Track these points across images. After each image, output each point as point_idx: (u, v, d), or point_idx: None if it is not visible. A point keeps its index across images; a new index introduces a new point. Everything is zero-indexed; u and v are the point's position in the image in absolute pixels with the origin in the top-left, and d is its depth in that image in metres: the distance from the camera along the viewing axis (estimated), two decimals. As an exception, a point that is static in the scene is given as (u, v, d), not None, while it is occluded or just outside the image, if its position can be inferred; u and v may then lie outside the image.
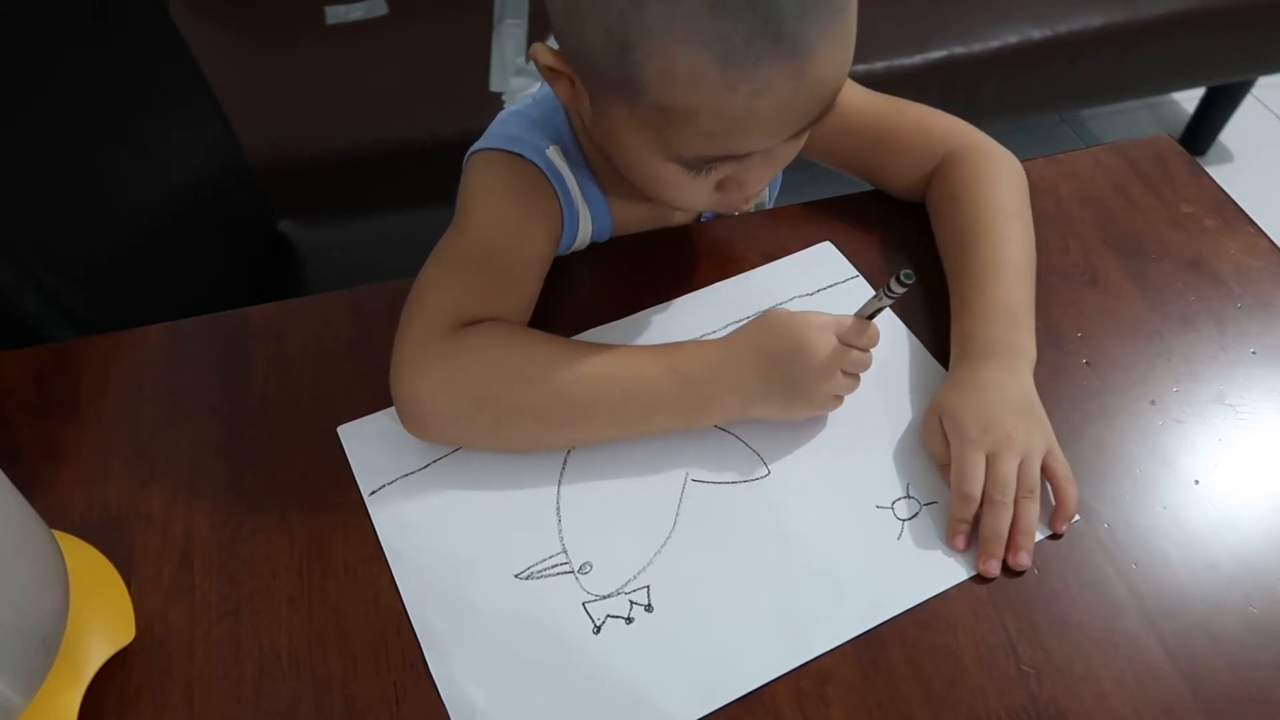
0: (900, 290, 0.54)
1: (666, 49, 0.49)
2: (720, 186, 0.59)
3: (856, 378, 0.60)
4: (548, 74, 0.58)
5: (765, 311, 0.60)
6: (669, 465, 0.60)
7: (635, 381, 0.58)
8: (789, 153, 0.59)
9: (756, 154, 0.56)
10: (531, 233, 0.64)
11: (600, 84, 0.55)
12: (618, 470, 0.59)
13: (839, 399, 0.60)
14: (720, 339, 0.60)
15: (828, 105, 0.54)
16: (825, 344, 0.57)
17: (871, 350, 0.60)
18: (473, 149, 0.67)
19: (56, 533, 0.52)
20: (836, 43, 0.51)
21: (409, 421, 0.59)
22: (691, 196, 0.60)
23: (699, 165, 0.56)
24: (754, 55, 0.48)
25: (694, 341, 0.61)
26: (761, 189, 0.61)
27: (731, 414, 0.60)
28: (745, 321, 0.67)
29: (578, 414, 0.58)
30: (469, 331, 0.58)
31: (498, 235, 0.62)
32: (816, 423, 0.62)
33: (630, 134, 0.56)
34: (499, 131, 0.67)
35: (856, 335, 0.58)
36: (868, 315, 0.58)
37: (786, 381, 0.58)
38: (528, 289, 0.63)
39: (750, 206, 0.64)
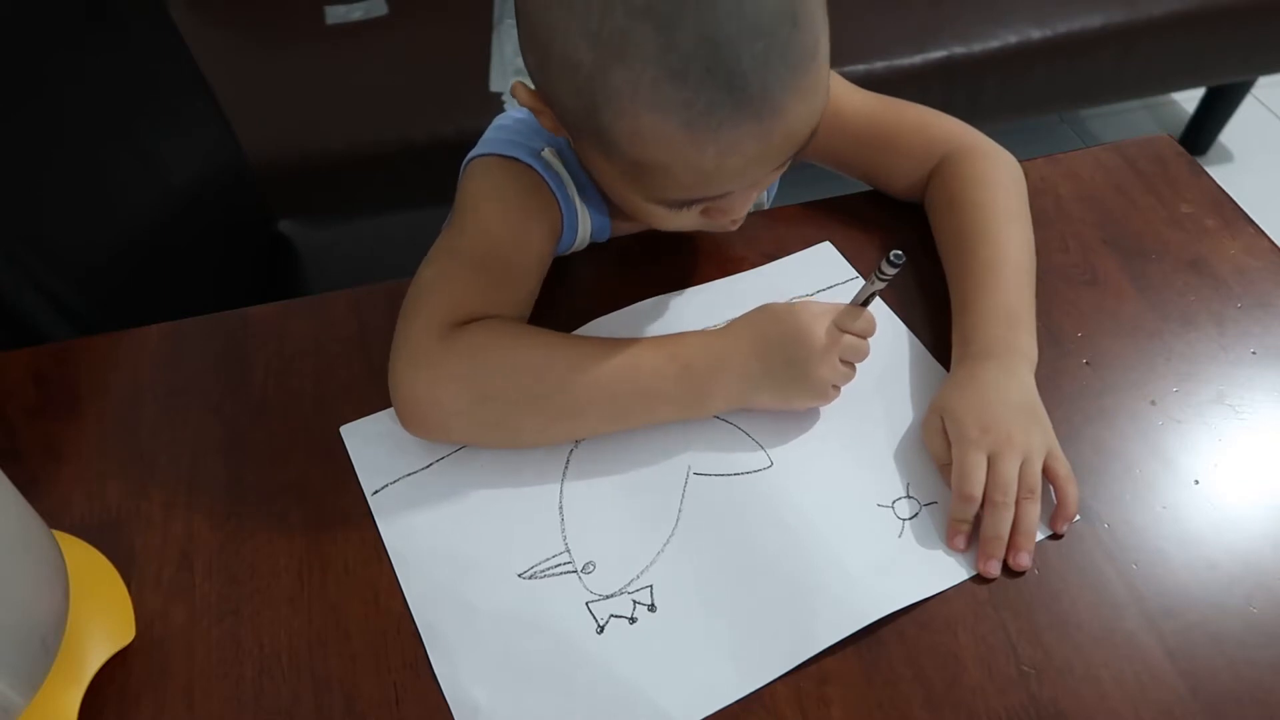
0: (892, 272, 0.54)
1: (633, 113, 0.50)
2: (705, 213, 0.60)
3: (853, 366, 0.61)
4: (529, 108, 0.59)
5: (763, 304, 0.61)
6: (672, 460, 0.60)
7: (636, 371, 0.58)
8: (771, 179, 0.60)
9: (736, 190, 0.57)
10: (530, 233, 0.64)
11: (577, 132, 0.56)
12: (620, 467, 0.59)
13: (837, 389, 0.61)
14: (720, 328, 0.61)
15: (803, 146, 0.55)
16: (823, 330, 0.58)
17: (868, 340, 0.60)
18: (470, 156, 0.67)
19: (56, 533, 0.52)
20: (804, 96, 0.51)
21: (408, 420, 0.59)
22: (677, 224, 0.62)
23: (679, 205, 0.57)
24: (717, 120, 0.49)
25: (693, 331, 0.61)
26: (746, 210, 0.62)
27: (733, 401, 0.60)
28: None
29: (580, 406, 0.58)
30: (467, 329, 0.58)
31: (495, 235, 0.63)
32: (818, 418, 0.62)
33: (610, 177, 0.58)
34: (494, 137, 0.67)
35: (851, 321, 0.59)
36: (862, 302, 0.59)
37: (787, 367, 0.58)
38: (526, 289, 0.63)
39: (736, 228, 0.65)
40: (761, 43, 0.48)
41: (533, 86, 0.58)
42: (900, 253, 0.53)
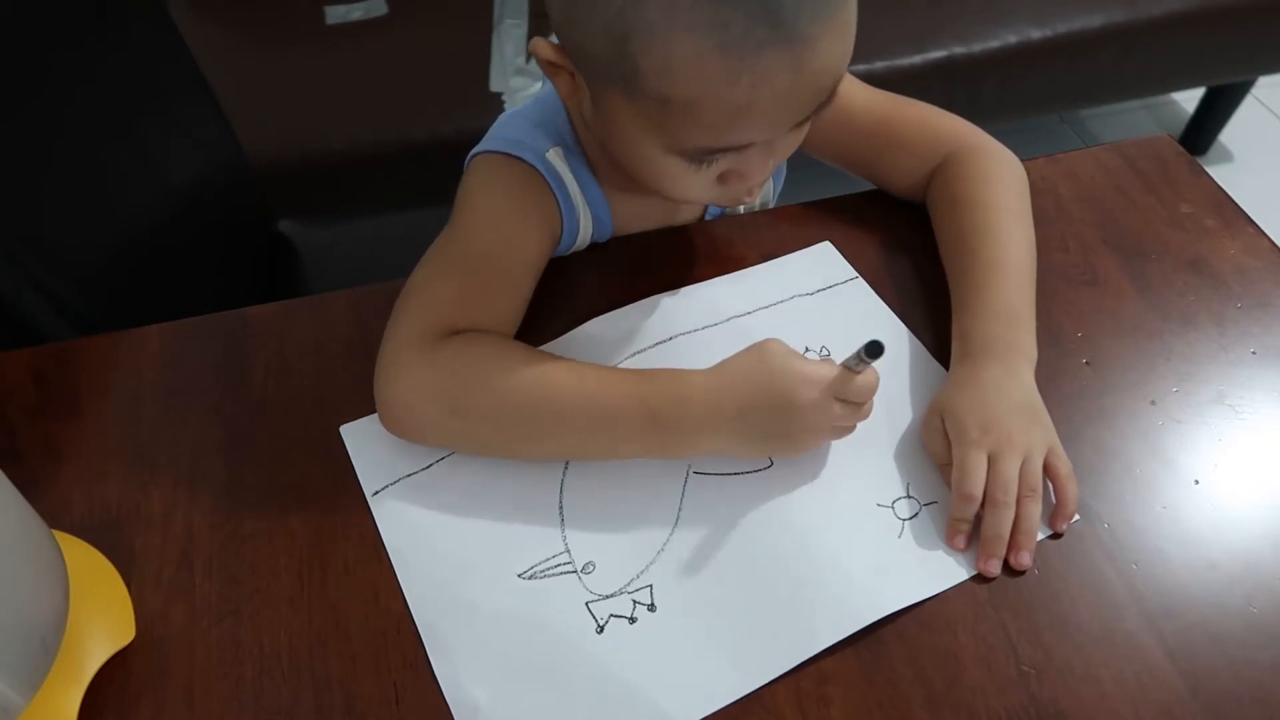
0: (868, 362, 0.53)
1: (666, 39, 0.49)
2: (722, 179, 0.59)
3: (852, 426, 0.58)
4: (548, 69, 0.58)
5: (759, 345, 0.57)
6: (671, 460, 0.59)
7: (602, 408, 0.57)
8: (790, 144, 0.60)
9: (757, 145, 0.56)
10: (526, 237, 0.64)
11: (600, 77, 0.55)
12: (620, 467, 0.59)
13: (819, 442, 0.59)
14: (700, 373, 0.57)
15: (827, 96, 0.54)
16: (817, 403, 0.55)
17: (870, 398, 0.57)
18: (473, 151, 0.67)
19: (56, 533, 0.52)
20: (836, 32, 0.51)
21: (388, 422, 0.59)
22: (693, 189, 0.60)
23: (700, 157, 0.56)
24: (753, 44, 0.49)
25: (671, 372, 0.58)
26: (764, 180, 0.61)
27: (702, 452, 0.58)
28: (743, 317, 0.67)
29: (545, 434, 0.58)
30: (450, 341, 0.58)
31: (491, 240, 0.62)
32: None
33: (630, 127, 0.56)
34: (499, 134, 0.67)
35: (855, 391, 0.55)
36: (855, 368, 0.55)
37: (767, 436, 0.56)
38: (518, 295, 0.63)
39: (755, 201, 0.64)
40: None
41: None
42: (879, 342, 0.52)
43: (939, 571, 0.55)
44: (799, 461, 0.59)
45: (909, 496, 0.58)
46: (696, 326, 0.67)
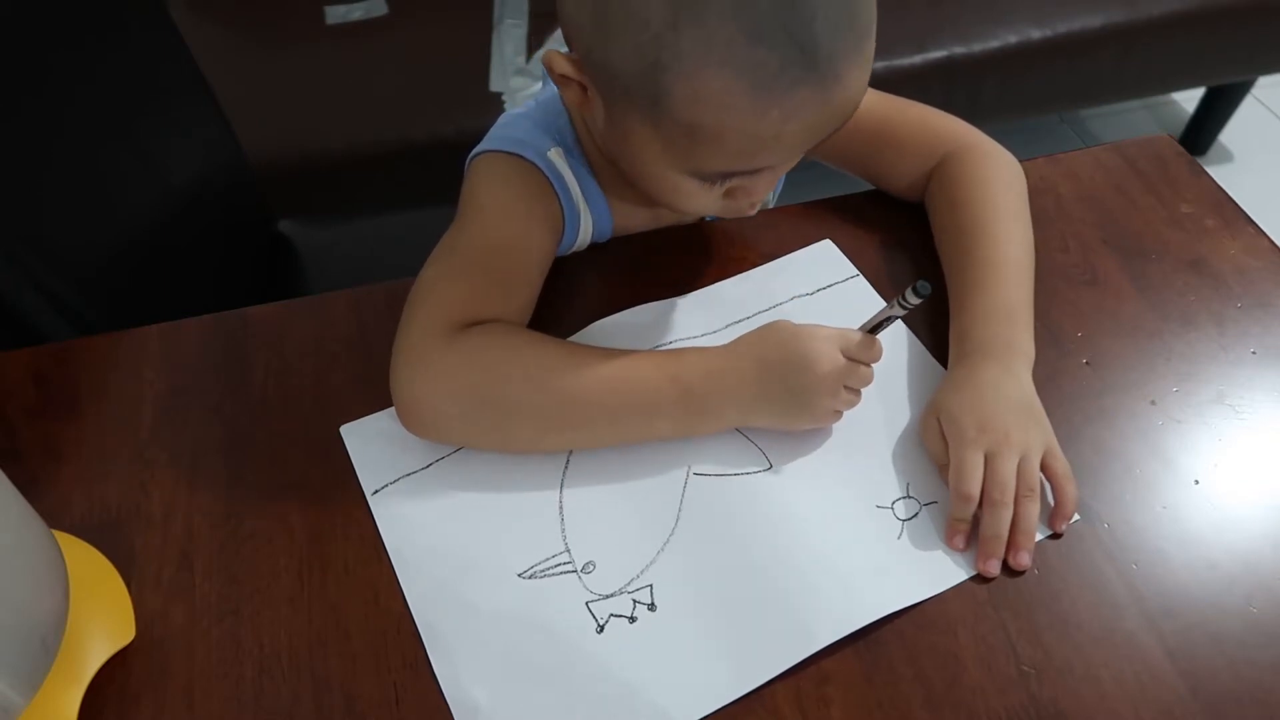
0: (916, 301, 0.54)
1: (700, 71, 0.49)
2: (728, 194, 0.60)
3: (858, 393, 0.60)
4: (560, 80, 0.58)
5: (770, 321, 0.60)
6: (672, 459, 0.60)
7: (635, 388, 0.58)
8: (796, 160, 0.60)
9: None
10: (533, 234, 0.64)
11: (622, 97, 0.55)
12: (621, 467, 0.59)
13: (839, 413, 0.60)
14: (722, 347, 0.60)
15: (846, 121, 0.55)
16: (830, 359, 0.57)
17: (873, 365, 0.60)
18: (475, 151, 0.67)
19: (56, 533, 0.52)
20: (861, 66, 0.52)
21: (409, 420, 0.59)
22: (700, 204, 0.61)
23: (715, 179, 0.57)
24: (786, 82, 0.49)
25: (695, 349, 0.61)
26: (768, 193, 0.62)
27: (730, 423, 0.60)
28: (745, 321, 0.67)
29: (577, 418, 0.58)
30: (471, 332, 0.58)
31: (499, 236, 0.63)
32: (817, 423, 0.62)
33: (647, 148, 0.57)
34: (501, 134, 0.67)
35: (862, 351, 0.58)
36: (873, 328, 0.58)
37: (788, 394, 0.58)
38: (528, 290, 0.63)
39: (754, 211, 0.65)
40: (834, 7, 0.49)
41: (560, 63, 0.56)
42: (927, 283, 0.52)
43: (939, 572, 0.55)
44: (799, 462, 0.59)
45: (908, 497, 0.58)
46: (697, 333, 0.67)
